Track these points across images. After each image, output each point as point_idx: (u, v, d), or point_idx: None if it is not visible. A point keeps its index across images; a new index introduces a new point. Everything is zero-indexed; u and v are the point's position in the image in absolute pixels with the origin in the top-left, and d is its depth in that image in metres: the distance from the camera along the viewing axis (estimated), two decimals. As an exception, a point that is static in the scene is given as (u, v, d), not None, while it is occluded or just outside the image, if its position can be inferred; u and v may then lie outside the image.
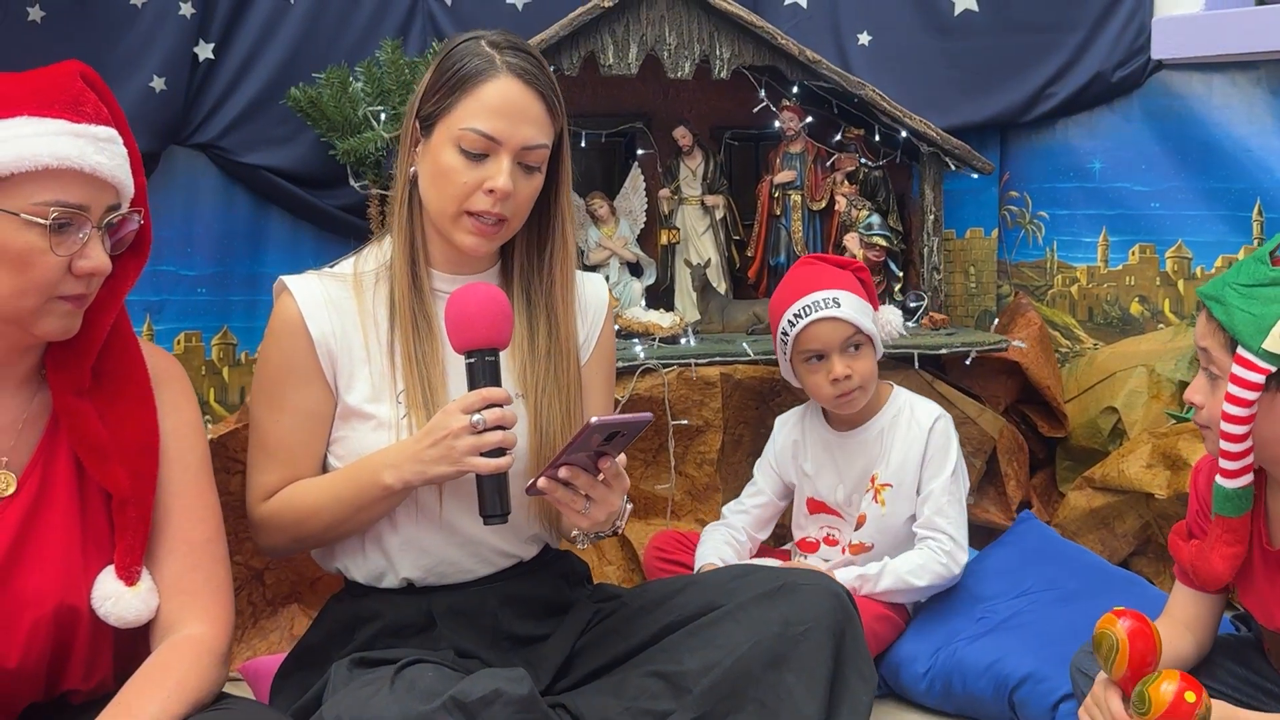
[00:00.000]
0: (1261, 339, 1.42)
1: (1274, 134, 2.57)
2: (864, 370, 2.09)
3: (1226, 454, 1.48)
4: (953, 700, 1.92)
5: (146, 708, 1.34)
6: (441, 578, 1.65)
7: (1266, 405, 1.45)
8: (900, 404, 2.15)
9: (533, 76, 1.58)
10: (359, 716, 1.37)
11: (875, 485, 2.12)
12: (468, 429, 1.49)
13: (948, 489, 2.06)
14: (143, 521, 1.43)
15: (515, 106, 1.56)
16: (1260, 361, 1.43)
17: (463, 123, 1.56)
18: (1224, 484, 1.50)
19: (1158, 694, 1.36)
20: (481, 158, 1.56)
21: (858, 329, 2.08)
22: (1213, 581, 1.58)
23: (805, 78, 2.55)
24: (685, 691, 1.53)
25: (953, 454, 2.09)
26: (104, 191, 1.35)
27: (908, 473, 2.09)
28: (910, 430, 2.10)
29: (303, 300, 1.63)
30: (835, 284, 2.10)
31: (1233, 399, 1.44)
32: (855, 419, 2.15)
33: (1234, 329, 1.45)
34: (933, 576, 2.03)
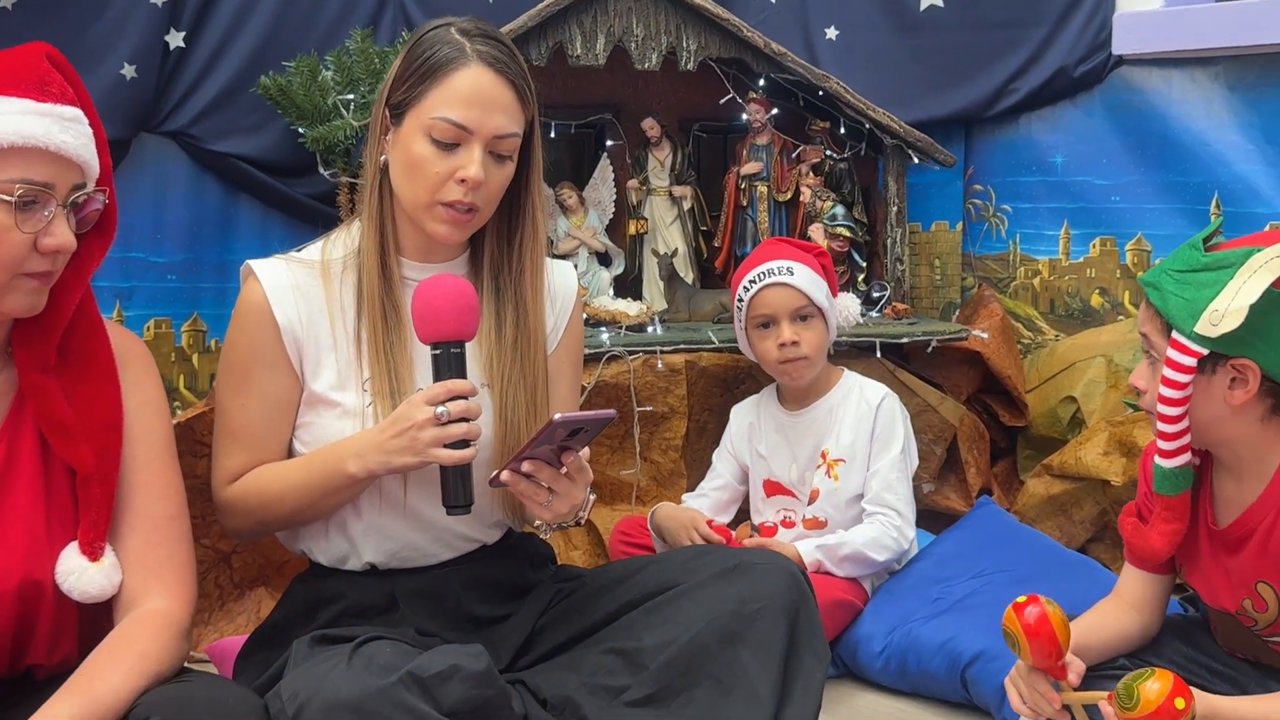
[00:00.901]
0: (1193, 323, 1.46)
1: (1231, 129, 2.61)
2: (811, 341, 2.13)
3: (1163, 434, 1.52)
4: (907, 679, 1.95)
5: (108, 679, 1.35)
6: (404, 561, 1.67)
7: (1202, 388, 1.49)
8: (850, 384, 2.20)
9: (504, 65, 1.58)
10: (316, 691, 1.38)
11: (827, 460, 2.16)
12: (432, 420, 1.50)
13: (896, 465, 2.11)
14: (106, 498, 1.44)
15: (486, 95, 1.56)
16: (1193, 344, 1.47)
17: (433, 112, 1.56)
18: (1161, 463, 1.54)
19: (1145, 693, 1.35)
20: (453, 147, 1.56)
21: (809, 299, 2.13)
22: (1151, 557, 1.62)
23: (771, 70, 2.58)
24: (642, 667, 1.56)
25: (900, 432, 2.14)
26: (69, 170, 1.37)
27: (858, 448, 2.13)
28: (859, 407, 2.15)
29: (269, 286, 1.63)
30: (793, 258, 2.16)
31: (1168, 381, 1.48)
32: (806, 398, 2.19)
33: (1169, 313, 1.49)
34: (886, 551, 2.08)
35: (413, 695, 1.38)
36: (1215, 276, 1.47)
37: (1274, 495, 1.52)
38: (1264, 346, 1.46)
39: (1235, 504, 1.56)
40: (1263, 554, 1.53)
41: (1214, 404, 1.50)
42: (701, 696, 1.54)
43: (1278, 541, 1.51)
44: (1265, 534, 1.52)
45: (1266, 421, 1.52)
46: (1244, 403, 1.49)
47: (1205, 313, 1.46)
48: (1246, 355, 1.47)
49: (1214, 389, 1.49)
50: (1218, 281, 1.47)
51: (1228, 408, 1.50)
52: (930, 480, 2.52)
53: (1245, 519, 1.54)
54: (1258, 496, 1.53)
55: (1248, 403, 1.49)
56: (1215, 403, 1.50)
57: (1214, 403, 1.50)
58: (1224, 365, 1.48)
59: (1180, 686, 1.35)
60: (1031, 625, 1.45)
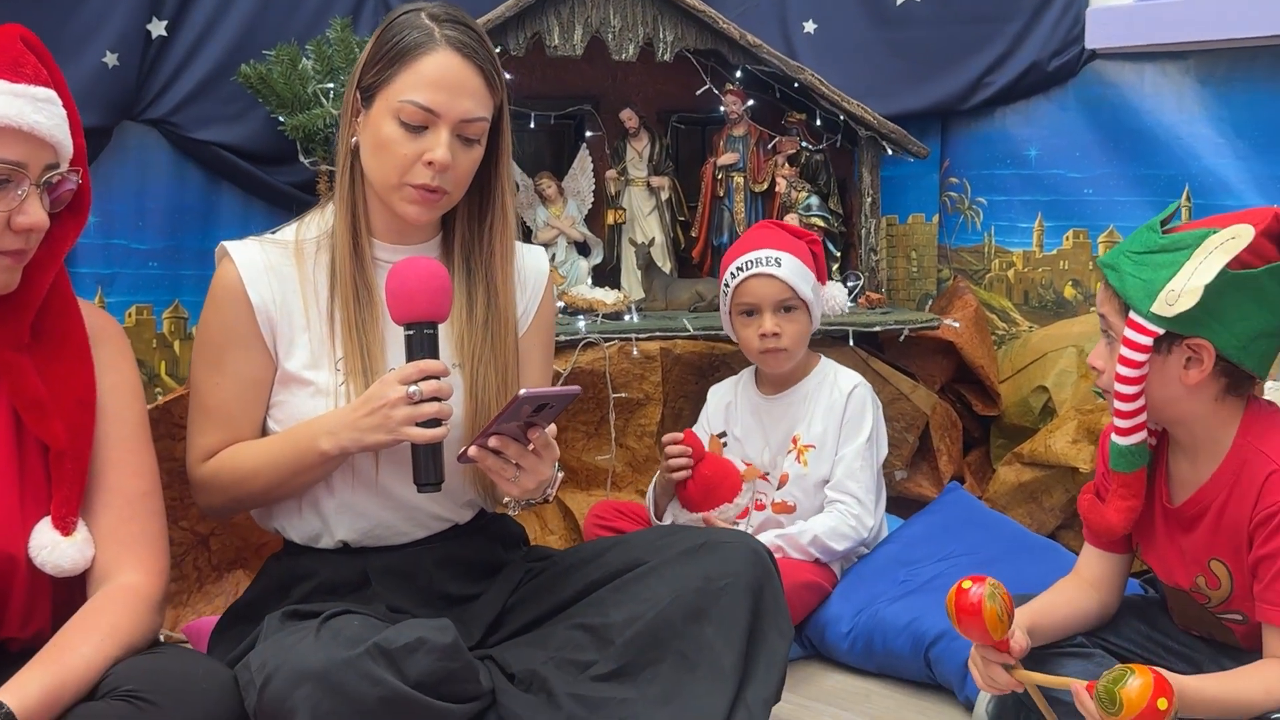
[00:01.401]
0: (1150, 303, 1.49)
1: (1202, 122, 2.64)
2: (793, 333, 2.16)
3: (1119, 413, 1.55)
4: (874, 658, 1.98)
5: (80, 650, 1.38)
6: (377, 540, 1.69)
7: (1157, 367, 1.52)
8: (825, 372, 2.23)
9: (471, 50, 1.60)
10: (284, 661, 1.41)
11: (798, 446, 2.18)
12: (404, 399, 1.52)
13: (861, 453, 2.14)
14: (79, 474, 1.47)
15: (454, 80, 1.58)
16: (1149, 324, 1.50)
17: (402, 95, 1.58)
18: (1117, 440, 1.57)
19: (1128, 696, 1.35)
20: (420, 130, 1.59)
21: (794, 292, 2.15)
22: (1107, 533, 1.65)
23: (747, 62, 2.61)
24: (608, 643, 1.59)
25: (869, 420, 2.16)
26: (42, 150, 1.39)
27: (828, 436, 2.16)
28: (832, 395, 2.17)
29: (243, 266, 1.65)
30: (783, 247, 2.18)
31: (1124, 360, 1.51)
32: (783, 384, 2.22)
33: (1126, 294, 1.52)
34: (844, 540, 2.11)
35: (379, 666, 1.41)
36: (1172, 258, 1.50)
37: (1227, 474, 1.55)
38: (1218, 326, 1.49)
39: (1189, 482, 1.59)
40: (1216, 531, 1.56)
41: (1169, 383, 1.53)
42: (666, 671, 1.57)
43: (1230, 519, 1.55)
44: (1218, 512, 1.55)
45: (1220, 401, 1.55)
46: (1199, 382, 1.52)
47: (1162, 293, 1.48)
48: (1201, 335, 1.50)
49: (1170, 368, 1.52)
50: (1174, 263, 1.49)
51: (1183, 387, 1.53)
52: (903, 467, 2.55)
53: (1199, 497, 1.57)
54: (1211, 475, 1.56)
55: (1202, 382, 1.52)
56: (1171, 382, 1.53)
57: (1169, 382, 1.53)
58: (1179, 345, 1.51)
59: (1161, 685, 1.35)
60: (964, 605, 1.47)
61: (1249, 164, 2.57)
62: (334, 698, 1.38)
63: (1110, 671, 1.39)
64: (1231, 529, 1.55)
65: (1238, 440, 1.55)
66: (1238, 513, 1.53)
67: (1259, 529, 1.51)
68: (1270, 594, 1.50)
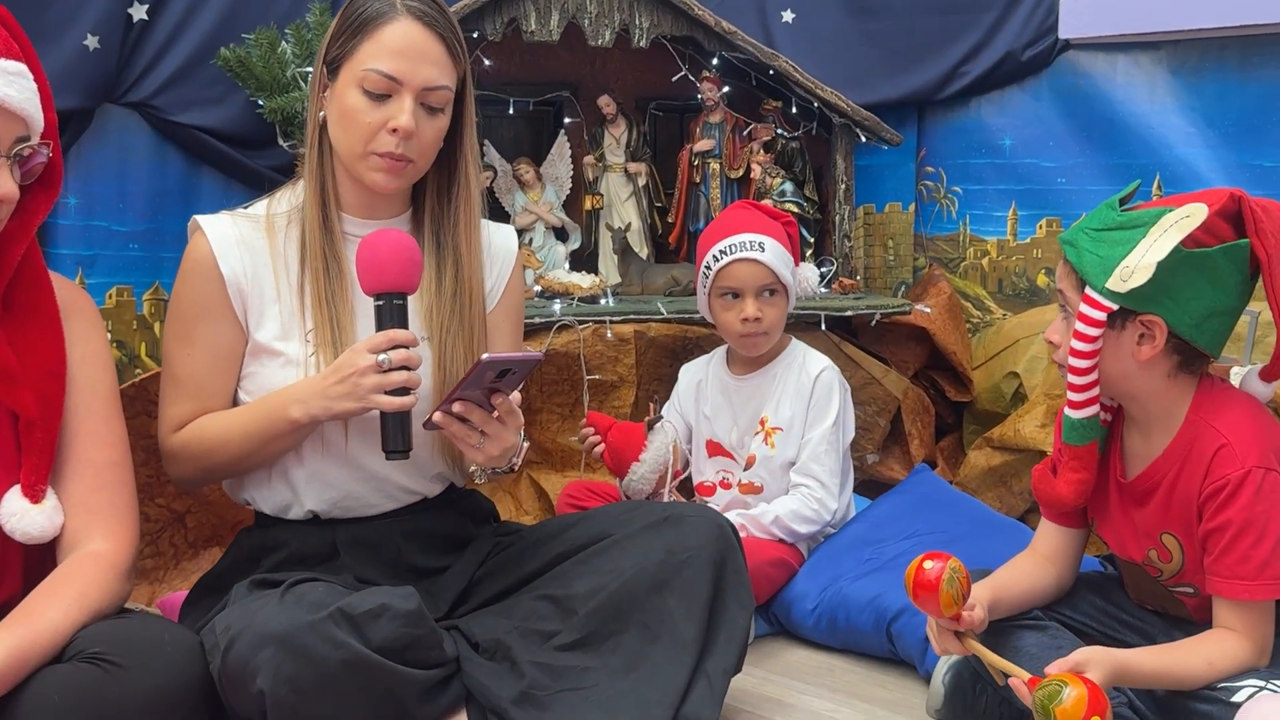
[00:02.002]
0: (1106, 279, 1.51)
1: (1174, 112, 2.67)
2: (773, 317, 2.18)
3: (1073, 386, 1.58)
4: (837, 634, 2.01)
5: (48, 614, 1.40)
6: (346, 511, 1.72)
7: (1112, 342, 1.55)
8: (794, 354, 2.25)
9: (432, 19, 1.63)
10: (248, 625, 1.43)
11: (766, 428, 2.21)
12: (373, 368, 1.54)
13: (826, 437, 2.16)
14: (49, 443, 1.49)
15: (415, 47, 1.61)
16: (1104, 300, 1.52)
17: (365, 64, 1.61)
18: (1070, 414, 1.60)
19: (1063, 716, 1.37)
20: (384, 98, 1.61)
21: (776, 277, 2.17)
22: (1057, 505, 1.67)
23: (722, 49, 2.63)
24: (572, 613, 1.62)
25: (835, 404, 2.18)
26: (12, 123, 1.41)
27: (795, 419, 2.18)
28: (800, 378, 2.20)
29: (215, 239, 1.68)
30: (764, 230, 2.20)
31: (1079, 335, 1.54)
32: (753, 364, 2.25)
33: (1083, 270, 1.55)
34: (806, 523, 2.14)
35: (341, 630, 1.43)
36: (1128, 235, 1.52)
37: (1179, 449, 1.58)
38: (1171, 304, 1.51)
39: (1143, 457, 1.62)
40: (1167, 506, 1.59)
41: (1123, 358, 1.56)
42: (629, 641, 1.60)
43: (1181, 494, 1.57)
44: (1170, 486, 1.58)
45: (1173, 377, 1.57)
46: (1151, 358, 1.54)
47: (1117, 269, 1.51)
48: (1154, 312, 1.52)
49: (1123, 344, 1.55)
50: (1130, 240, 1.52)
51: (1135, 363, 1.55)
52: (874, 451, 2.58)
53: (1151, 471, 1.60)
54: (1163, 450, 1.59)
55: (1154, 358, 1.54)
56: (1124, 357, 1.56)
57: (1123, 357, 1.56)
58: (1133, 321, 1.53)
59: (1095, 701, 1.38)
60: (921, 581, 1.51)
61: (1218, 153, 2.60)
62: (296, 660, 1.40)
63: (1048, 683, 1.42)
64: (1182, 503, 1.57)
65: (1190, 416, 1.57)
66: (1188, 487, 1.56)
67: (1208, 502, 1.53)
68: (1219, 567, 1.53)
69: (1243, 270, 1.52)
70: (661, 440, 2.16)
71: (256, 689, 1.41)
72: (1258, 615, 1.52)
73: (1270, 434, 1.55)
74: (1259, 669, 1.51)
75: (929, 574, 1.51)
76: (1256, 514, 1.49)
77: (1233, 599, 1.52)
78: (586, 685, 1.57)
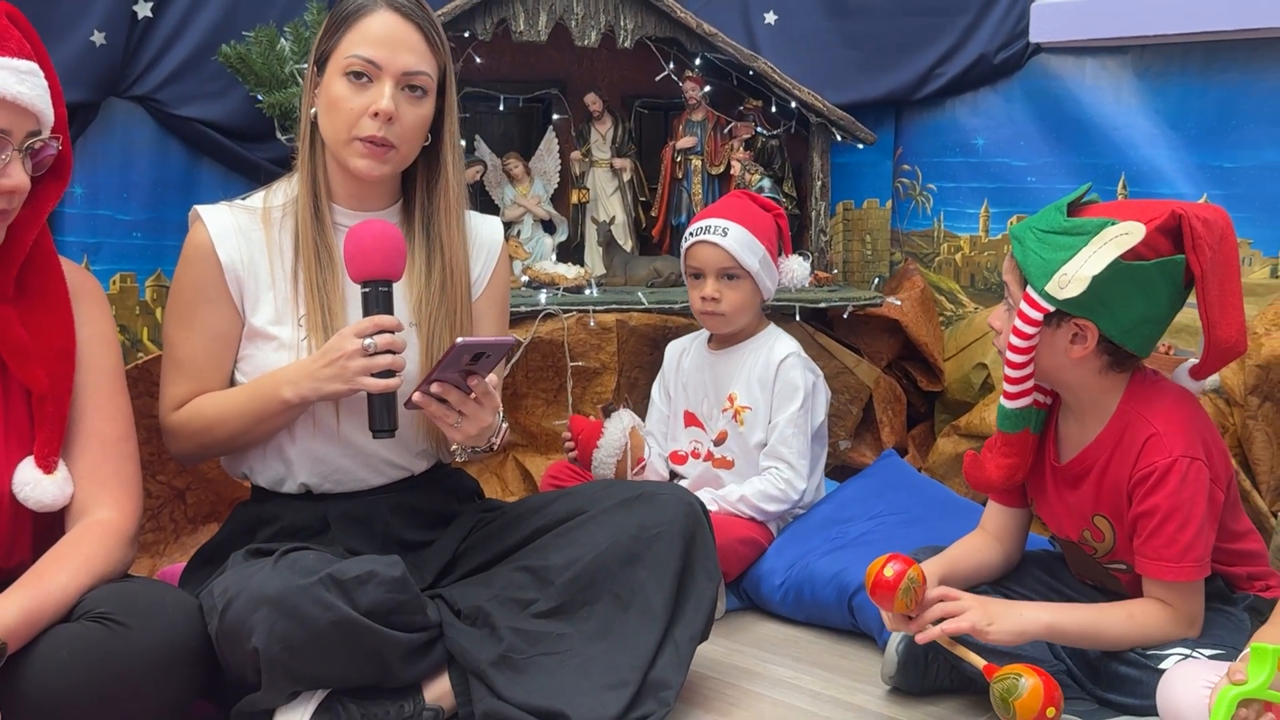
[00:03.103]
0: (1045, 281, 1.59)
1: (1139, 114, 2.75)
2: (733, 300, 2.28)
3: (1009, 378, 1.67)
4: (803, 608, 2.11)
5: (56, 577, 1.49)
6: (337, 485, 1.81)
7: (1047, 338, 1.64)
8: (765, 339, 2.35)
9: (409, 10, 1.72)
10: (243, 588, 1.53)
11: (735, 405, 2.31)
12: (360, 351, 1.63)
13: (794, 420, 2.25)
14: (60, 417, 1.58)
15: (394, 36, 1.70)
16: (1042, 301, 1.60)
17: (347, 53, 1.70)
18: (1004, 403, 1.70)
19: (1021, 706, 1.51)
20: (367, 85, 1.70)
21: (736, 261, 2.27)
22: (984, 486, 1.77)
23: (704, 50, 2.73)
24: (548, 583, 1.72)
25: (800, 390, 2.26)
26: (25, 118, 1.49)
27: (760, 402, 2.28)
28: (765, 363, 2.29)
29: (214, 228, 1.77)
30: (740, 218, 2.30)
31: (1017, 331, 1.63)
32: (729, 341, 2.35)
33: (1026, 269, 1.63)
34: (774, 503, 2.23)
35: (331, 594, 1.53)
36: (1071, 241, 1.60)
37: (1109, 437, 1.67)
38: (1104, 311, 1.59)
39: (1076, 443, 1.72)
40: (1099, 489, 1.68)
41: (1057, 354, 1.65)
42: (601, 610, 1.70)
43: (1112, 479, 1.67)
44: (1100, 471, 1.68)
45: (1104, 374, 1.66)
46: (1082, 357, 1.63)
47: (1056, 274, 1.58)
48: (1088, 317, 1.60)
49: (1058, 341, 1.64)
50: (1073, 246, 1.59)
51: (1068, 359, 1.64)
52: (847, 438, 2.68)
53: (1083, 457, 1.69)
54: (1096, 437, 1.68)
55: (1086, 356, 1.63)
56: (1058, 353, 1.64)
57: (1056, 353, 1.64)
58: (1068, 322, 1.62)
59: (1050, 692, 1.51)
60: (880, 582, 1.64)
61: (1180, 154, 2.68)
62: (289, 620, 1.50)
63: (1004, 676, 1.54)
64: (1113, 487, 1.66)
65: (1122, 406, 1.66)
66: (1119, 472, 1.65)
67: (1137, 487, 1.62)
68: (1146, 549, 1.62)
69: (1176, 284, 1.60)
70: (616, 425, 2.26)
71: (251, 647, 1.51)
72: (1183, 592, 1.61)
73: (1198, 425, 1.64)
74: (1187, 639, 1.62)
75: (889, 579, 1.63)
76: (1182, 500, 1.58)
77: (1159, 580, 1.61)
78: (561, 650, 1.67)
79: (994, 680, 1.58)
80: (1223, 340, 1.60)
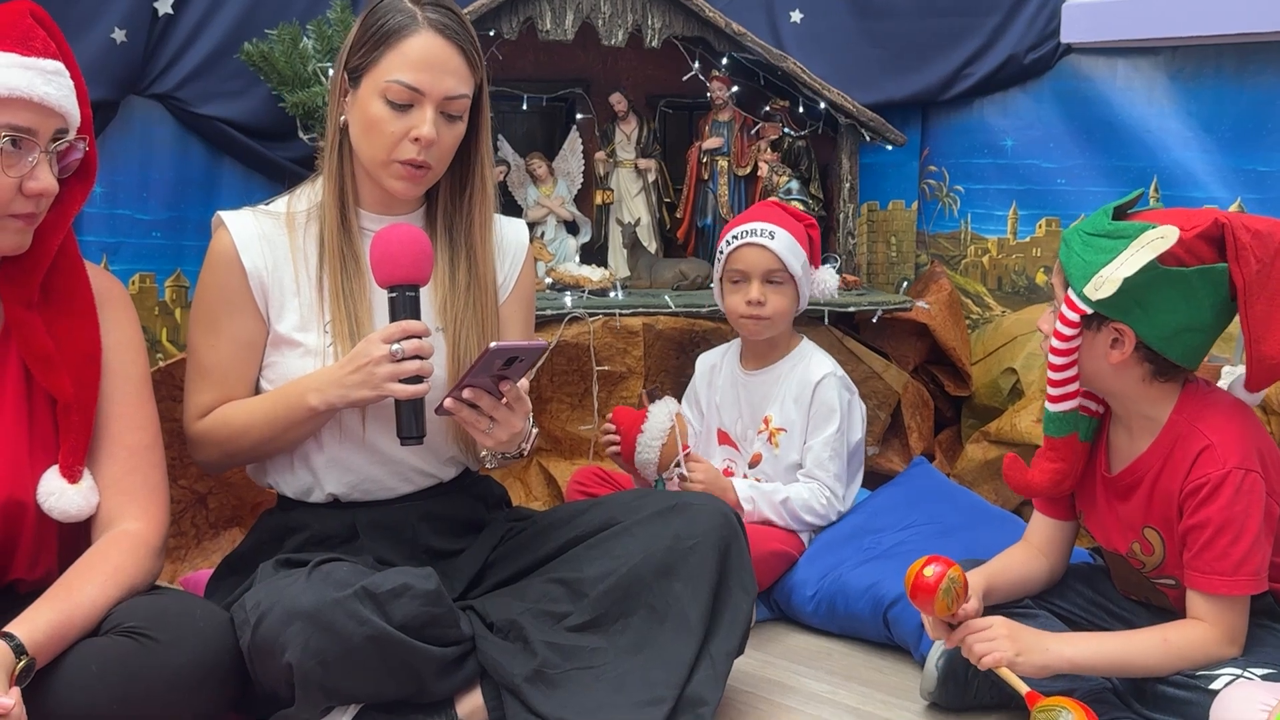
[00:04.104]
0: (1084, 284, 1.58)
1: (1171, 116, 2.72)
2: (777, 305, 2.24)
3: (1052, 380, 1.65)
4: (836, 620, 2.08)
5: (84, 589, 1.47)
6: (365, 494, 1.78)
7: (1089, 342, 1.62)
8: (800, 355, 2.31)
9: (453, 31, 1.69)
10: (277, 601, 1.51)
11: (770, 428, 2.27)
12: (387, 357, 1.61)
13: (829, 443, 2.22)
14: (85, 426, 1.55)
15: (437, 59, 1.67)
16: (1080, 303, 1.59)
17: (388, 75, 1.67)
18: (1049, 406, 1.67)
19: None
20: (407, 108, 1.67)
21: (783, 265, 2.23)
22: (1025, 491, 1.75)
23: (732, 49, 2.69)
24: (582, 596, 1.69)
25: (836, 411, 2.23)
26: (51, 119, 1.47)
27: (797, 423, 2.24)
28: (801, 383, 2.26)
29: (238, 234, 1.75)
30: (780, 223, 2.27)
31: (1056, 332, 1.62)
32: (763, 359, 2.31)
33: (1068, 270, 1.62)
34: (815, 515, 2.21)
35: (366, 608, 1.50)
36: (1112, 244, 1.59)
37: (1162, 447, 1.64)
38: (1142, 315, 1.58)
39: (1127, 453, 1.69)
40: (1149, 502, 1.66)
41: (1097, 359, 1.63)
42: (636, 623, 1.67)
43: (1163, 490, 1.64)
44: (1151, 483, 1.65)
45: (1150, 383, 1.64)
46: (1121, 362, 1.61)
47: (1095, 277, 1.58)
48: (1124, 321, 1.59)
49: (1098, 345, 1.62)
50: (1113, 250, 1.58)
51: (1109, 364, 1.62)
52: (874, 444, 2.65)
53: (1135, 468, 1.67)
54: (1147, 447, 1.66)
55: (1126, 363, 1.61)
56: (1098, 357, 1.63)
57: (1097, 357, 1.63)
58: (1107, 326, 1.60)
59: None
60: (921, 584, 1.61)
61: (1214, 157, 2.65)
62: (323, 635, 1.48)
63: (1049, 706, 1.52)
64: (1164, 499, 1.64)
65: (1173, 417, 1.64)
66: (1170, 484, 1.62)
67: (1189, 499, 1.60)
68: (1198, 562, 1.59)
69: (1220, 293, 1.57)
70: (661, 409, 2.21)
71: (284, 662, 1.49)
72: (1229, 608, 1.58)
73: (1254, 437, 1.61)
74: (1235, 658, 1.58)
75: (929, 580, 1.60)
76: (1235, 513, 1.56)
77: (1211, 593, 1.58)
78: (596, 664, 1.64)
79: (1035, 709, 1.56)
80: (1268, 356, 1.58)
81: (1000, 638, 1.60)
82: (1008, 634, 1.61)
